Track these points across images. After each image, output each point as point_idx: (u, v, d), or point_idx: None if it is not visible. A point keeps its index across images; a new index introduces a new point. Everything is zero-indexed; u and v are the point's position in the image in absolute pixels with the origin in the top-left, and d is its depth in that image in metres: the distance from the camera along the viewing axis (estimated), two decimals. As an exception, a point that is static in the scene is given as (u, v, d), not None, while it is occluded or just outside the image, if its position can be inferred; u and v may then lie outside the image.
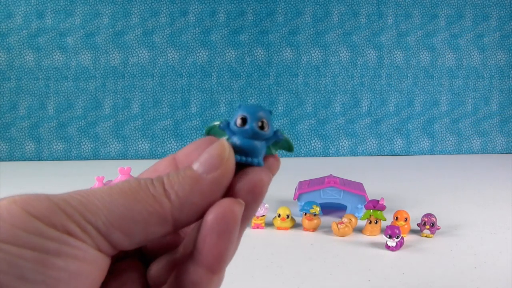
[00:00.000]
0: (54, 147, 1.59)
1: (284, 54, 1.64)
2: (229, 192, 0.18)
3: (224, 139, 0.18)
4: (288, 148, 0.20)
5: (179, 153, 0.21)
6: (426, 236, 0.68)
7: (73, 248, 0.15)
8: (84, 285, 0.15)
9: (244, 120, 0.18)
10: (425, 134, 1.68)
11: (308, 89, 1.65)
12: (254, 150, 0.18)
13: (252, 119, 0.18)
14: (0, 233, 0.14)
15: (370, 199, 0.72)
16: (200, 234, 0.17)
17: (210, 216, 0.17)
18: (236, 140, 0.18)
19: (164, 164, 0.21)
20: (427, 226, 0.68)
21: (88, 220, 0.15)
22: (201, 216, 0.17)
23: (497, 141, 1.70)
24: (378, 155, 1.67)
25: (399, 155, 1.67)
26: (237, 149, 0.18)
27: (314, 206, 0.71)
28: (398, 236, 0.61)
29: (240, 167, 0.18)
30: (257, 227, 0.73)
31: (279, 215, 0.73)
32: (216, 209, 0.17)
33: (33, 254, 0.14)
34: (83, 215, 0.15)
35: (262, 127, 0.18)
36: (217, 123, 0.19)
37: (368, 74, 1.66)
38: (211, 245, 0.17)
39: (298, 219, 0.76)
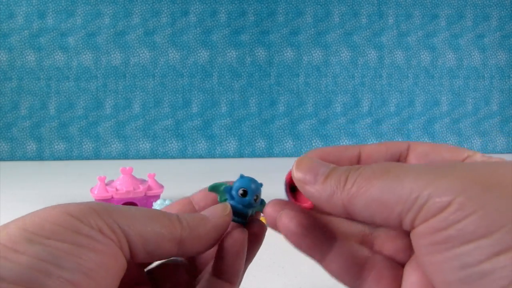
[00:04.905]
0: (56, 147, 1.60)
1: (285, 54, 1.64)
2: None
3: (227, 202, 0.24)
4: (261, 211, 0.27)
5: (195, 196, 0.27)
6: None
7: (100, 243, 0.18)
8: (108, 275, 0.18)
9: (245, 192, 0.24)
10: (426, 134, 1.68)
11: (309, 89, 1.65)
12: (244, 214, 0.25)
13: (250, 193, 0.24)
14: (45, 230, 0.17)
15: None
16: (222, 256, 0.23)
17: (229, 241, 0.23)
18: (234, 204, 0.24)
19: (179, 205, 0.27)
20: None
21: (116, 220, 0.19)
22: (201, 251, 0.23)
23: (498, 141, 1.70)
24: (378, 155, 1.67)
25: (399, 155, 1.67)
26: (233, 211, 0.24)
27: (315, 206, 0.71)
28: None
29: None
30: (258, 227, 0.73)
31: (280, 215, 0.73)
32: (231, 236, 0.23)
33: (68, 247, 0.17)
34: (113, 217, 0.19)
35: (255, 200, 0.25)
36: (221, 185, 0.25)
37: (368, 74, 1.66)
38: (230, 262, 0.23)
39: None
